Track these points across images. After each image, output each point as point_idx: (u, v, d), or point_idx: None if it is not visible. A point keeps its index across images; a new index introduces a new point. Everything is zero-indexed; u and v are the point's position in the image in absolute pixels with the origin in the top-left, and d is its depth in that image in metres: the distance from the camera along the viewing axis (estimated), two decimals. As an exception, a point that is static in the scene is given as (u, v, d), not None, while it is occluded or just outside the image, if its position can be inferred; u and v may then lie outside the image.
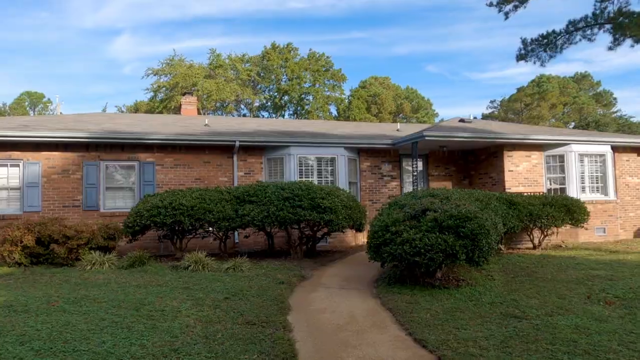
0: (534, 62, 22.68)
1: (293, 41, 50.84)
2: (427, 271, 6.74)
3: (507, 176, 13.39)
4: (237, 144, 12.23)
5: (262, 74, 39.05)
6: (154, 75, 33.39)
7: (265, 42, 44.14)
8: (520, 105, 45.57)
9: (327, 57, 41.09)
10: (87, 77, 75.01)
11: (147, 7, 65.51)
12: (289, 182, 9.91)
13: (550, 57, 23.18)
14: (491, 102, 51.51)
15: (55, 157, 11.33)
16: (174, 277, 7.78)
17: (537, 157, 13.75)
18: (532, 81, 45.68)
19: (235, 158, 12.58)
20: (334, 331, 5.18)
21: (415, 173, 13.06)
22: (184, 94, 18.00)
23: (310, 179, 12.71)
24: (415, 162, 13.02)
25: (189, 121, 15.50)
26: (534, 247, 11.23)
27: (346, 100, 43.69)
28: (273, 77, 39.46)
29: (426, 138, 12.32)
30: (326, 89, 41.00)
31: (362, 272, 8.57)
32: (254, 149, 12.80)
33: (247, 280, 7.56)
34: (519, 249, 11.31)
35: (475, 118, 19.56)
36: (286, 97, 40.15)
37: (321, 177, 12.97)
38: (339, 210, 9.35)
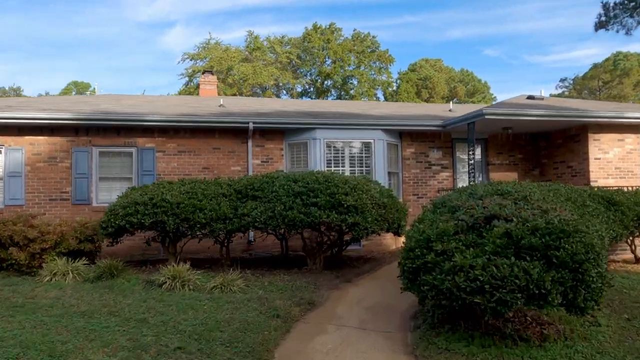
0: (617, 31, 18.82)
1: (343, 27, 47.74)
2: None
3: (593, 165, 10.47)
4: (251, 125, 10.16)
5: (302, 57, 36.76)
6: (190, 60, 32.12)
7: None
8: (597, 84, 40.36)
9: (373, 36, 38.08)
10: (141, 69, 76.10)
11: (199, -1, 64.80)
12: (303, 173, 7.67)
13: (639, 23, 19.23)
14: (561, 80, 46.14)
15: (41, 142, 9.77)
16: (138, 300, 5.81)
17: (632, 141, 10.73)
18: (607, 59, 40.32)
19: (249, 143, 10.52)
20: None
21: (472, 162, 10.44)
22: (202, 72, 16.12)
23: (341, 169, 10.45)
24: (472, 148, 10.39)
25: (203, 102, 13.58)
26: (637, 261, 8.36)
27: (394, 84, 40.57)
28: (316, 60, 37.07)
29: (486, 117, 9.65)
30: (372, 72, 38.07)
31: (396, 298, 6.19)
32: (272, 132, 10.68)
33: (231, 309, 5.44)
34: (615, 262, 8.44)
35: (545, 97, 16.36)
36: (329, 82, 37.67)
37: (354, 167, 10.66)
38: (368, 210, 7.01)
